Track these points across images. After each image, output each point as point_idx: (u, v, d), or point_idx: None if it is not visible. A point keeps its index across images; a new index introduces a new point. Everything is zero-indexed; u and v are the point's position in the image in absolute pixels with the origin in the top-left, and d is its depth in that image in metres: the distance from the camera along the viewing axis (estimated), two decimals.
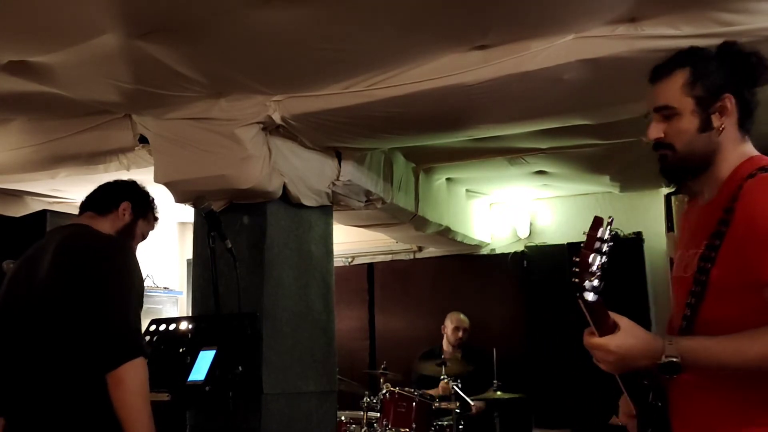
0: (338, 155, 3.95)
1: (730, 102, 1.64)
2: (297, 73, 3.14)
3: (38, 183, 4.63)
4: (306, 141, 3.67)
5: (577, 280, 1.47)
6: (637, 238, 5.45)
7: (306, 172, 3.75)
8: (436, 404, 4.65)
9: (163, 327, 3.45)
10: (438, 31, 2.82)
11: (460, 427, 4.58)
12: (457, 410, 4.58)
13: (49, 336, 2.16)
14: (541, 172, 5.30)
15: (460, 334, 5.55)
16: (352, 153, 3.97)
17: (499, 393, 4.76)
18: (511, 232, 6.38)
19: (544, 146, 4.54)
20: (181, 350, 3.26)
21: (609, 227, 1.49)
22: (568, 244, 5.71)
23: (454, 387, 4.67)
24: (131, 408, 2.08)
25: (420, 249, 6.66)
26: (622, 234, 5.55)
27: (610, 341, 1.50)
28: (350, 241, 6.17)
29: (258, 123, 3.40)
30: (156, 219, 2.65)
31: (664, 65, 1.72)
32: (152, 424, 2.12)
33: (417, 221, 5.11)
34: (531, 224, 6.27)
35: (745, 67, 1.65)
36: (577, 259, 1.48)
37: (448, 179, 5.53)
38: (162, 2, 2.49)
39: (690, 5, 2.58)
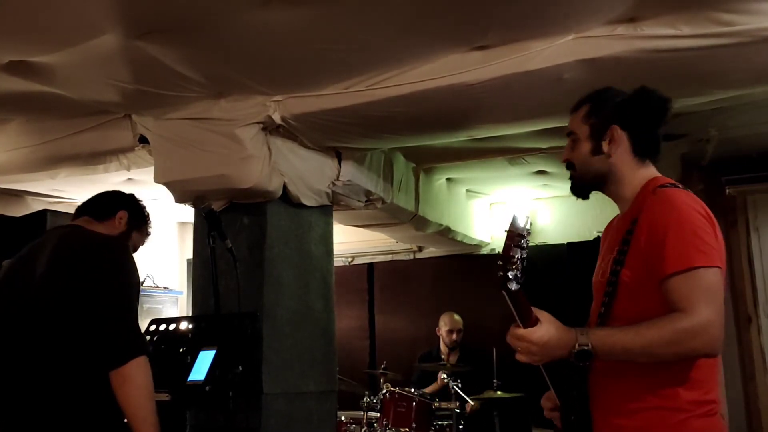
0: (338, 155, 3.95)
1: (616, 132, 1.94)
2: (297, 73, 3.15)
3: (38, 183, 4.63)
4: (306, 141, 3.67)
5: (501, 273, 1.64)
6: None
7: (306, 172, 3.75)
8: (436, 404, 4.66)
9: (163, 327, 3.45)
10: (438, 32, 2.83)
11: (460, 426, 4.59)
12: (457, 410, 4.58)
13: (49, 334, 2.16)
14: (541, 172, 5.30)
15: (454, 336, 5.53)
16: (352, 153, 3.97)
17: (498, 392, 4.76)
18: None
19: (544, 146, 4.54)
20: (181, 350, 3.26)
21: (527, 223, 1.70)
22: (568, 243, 5.71)
23: (454, 387, 4.67)
24: (138, 404, 2.11)
25: (420, 249, 6.66)
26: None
27: (533, 332, 1.67)
28: (350, 241, 6.17)
29: (258, 123, 3.41)
30: (149, 234, 2.68)
31: (579, 100, 2.05)
32: (157, 419, 2.16)
33: (417, 221, 5.11)
34: (531, 224, 6.26)
35: (643, 106, 1.93)
36: (501, 253, 1.66)
37: (448, 179, 5.53)
38: (162, 2, 2.49)
39: (689, 5, 2.59)
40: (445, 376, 4.81)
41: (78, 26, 2.63)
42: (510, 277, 1.62)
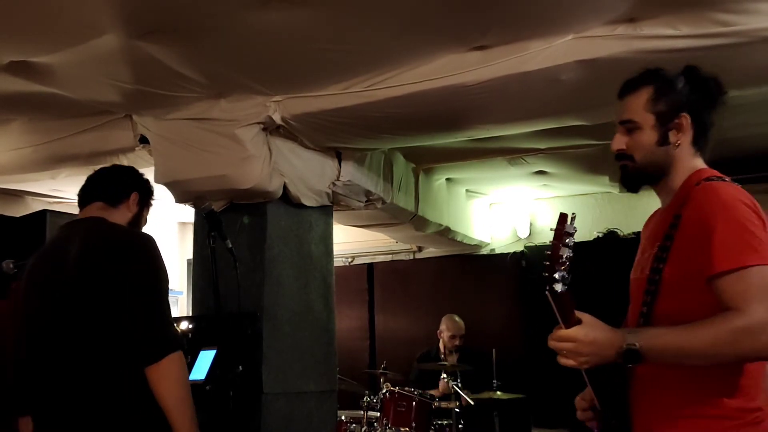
0: (338, 155, 3.96)
1: (686, 120, 1.81)
2: (297, 73, 3.15)
3: (39, 183, 4.64)
4: (306, 141, 3.67)
5: (547, 274, 1.55)
6: (637, 239, 5.40)
7: (306, 172, 3.76)
8: (436, 404, 4.66)
9: None
10: (437, 32, 2.83)
11: (460, 426, 4.59)
12: (457, 410, 4.59)
13: (84, 331, 2.14)
14: (540, 173, 5.30)
15: (457, 341, 5.50)
16: (352, 153, 3.98)
17: (498, 393, 4.76)
18: (510, 232, 6.39)
19: (543, 146, 4.55)
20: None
21: (573, 222, 1.60)
22: None
23: (454, 386, 4.68)
24: (176, 399, 2.12)
25: (420, 249, 6.67)
26: (621, 234, 5.56)
27: (579, 332, 1.58)
28: (350, 241, 6.18)
29: (258, 123, 3.41)
30: (151, 205, 2.60)
31: (632, 82, 1.86)
32: (194, 412, 2.18)
33: (417, 221, 5.11)
34: (531, 224, 6.28)
35: (704, 91, 1.82)
36: (549, 253, 1.58)
37: (448, 179, 5.53)
38: (162, 3, 2.50)
39: (689, 6, 2.59)
40: (445, 375, 4.81)
41: (78, 26, 2.64)
42: (557, 278, 1.54)
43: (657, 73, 1.84)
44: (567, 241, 1.57)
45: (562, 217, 1.61)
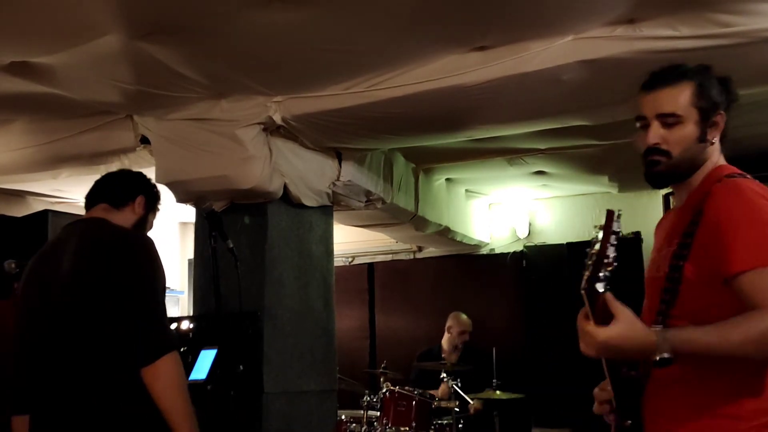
0: (338, 155, 3.96)
1: (722, 119, 1.76)
2: (298, 73, 3.16)
3: (40, 183, 4.64)
4: (306, 141, 3.68)
5: (588, 273, 1.50)
6: (636, 238, 5.45)
7: (306, 172, 3.76)
8: (436, 403, 4.67)
9: None
10: (438, 33, 2.84)
11: (460, 426, 4.60)
12: (457, 409, 4.59)
13: (79, 332, 2.14)
14: (540, 173, 5.31)
15: (466, 337, 5.53)
16: (352, 153, 3.99)
17: (498, 392, 4.76)
18: (510, 232, 6.39)
19: (543, 147, 4.55)
20: (182, 349, 3.27)
21: (619, 219, 1.55)
22: (567, 243, 5.73)
23: (454, 386, 4.68)
24: (173, 399, 2.11)
25: (420, 249, 6.67)
26: (621, 234, 5.57)
27: (602, 332, 1.52)
28: (350, 241, 6.18)
29: (259, 123, 3.42)
30: (159, 210, 2.60)
31: (669, 74, 1.78)
32: (193, 411, 2.18)
33: (417, 221, 5.12)
34: (530, 224, 6.29)
35: (728, 90, 1.78)
36: (594, 251, 1.53)
37: (447, 179, 5.54)
38: (163, 3, 2.51)
39: (688, 6, 2.60)
40: (444, 375, 4.81)
41: (80, 27, 2.65)
42: (601, 277, 1.49)
43: (698, 69, 1.78)
44: (613, 240, 1.52)
45: (610, 214, 1.55)
